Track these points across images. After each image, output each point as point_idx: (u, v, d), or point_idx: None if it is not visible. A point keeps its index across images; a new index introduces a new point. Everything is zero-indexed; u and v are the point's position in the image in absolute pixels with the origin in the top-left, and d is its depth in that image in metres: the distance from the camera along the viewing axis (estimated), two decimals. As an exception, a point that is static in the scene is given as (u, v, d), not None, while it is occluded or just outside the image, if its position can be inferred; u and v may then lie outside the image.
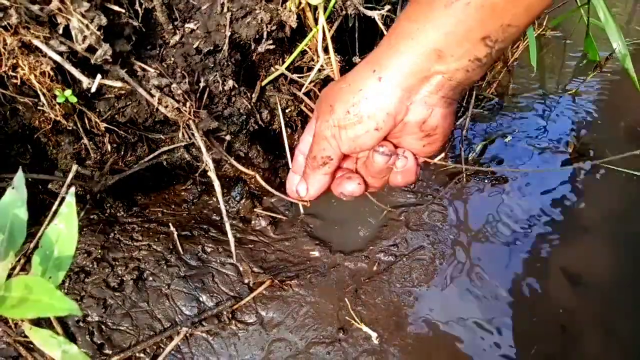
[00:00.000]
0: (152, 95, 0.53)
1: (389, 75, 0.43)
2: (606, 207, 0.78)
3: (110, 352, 0.57)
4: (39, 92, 0.53)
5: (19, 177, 0.41)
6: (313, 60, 0.67)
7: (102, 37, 0.49)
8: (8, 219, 0.40)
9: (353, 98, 0.45)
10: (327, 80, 0.74)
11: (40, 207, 0.64)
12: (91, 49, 0.49)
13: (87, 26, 0.47)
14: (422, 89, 0.43)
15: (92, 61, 0.49)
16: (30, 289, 0.36)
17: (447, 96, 0.44)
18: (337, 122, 0.45)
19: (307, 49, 0.65)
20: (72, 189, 0.41)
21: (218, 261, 0.66)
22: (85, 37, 0.47)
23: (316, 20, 0.61)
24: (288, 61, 0.66)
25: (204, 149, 0.57)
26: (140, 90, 0.53)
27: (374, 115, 0.44)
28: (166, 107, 0.54)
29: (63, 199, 0.44)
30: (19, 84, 0.53)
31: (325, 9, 0.60)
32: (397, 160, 0.48)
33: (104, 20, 0.48)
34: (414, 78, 0.43)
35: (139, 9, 0.54)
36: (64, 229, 0.41)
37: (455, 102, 0.46)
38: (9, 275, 0.39)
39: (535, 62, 0.80)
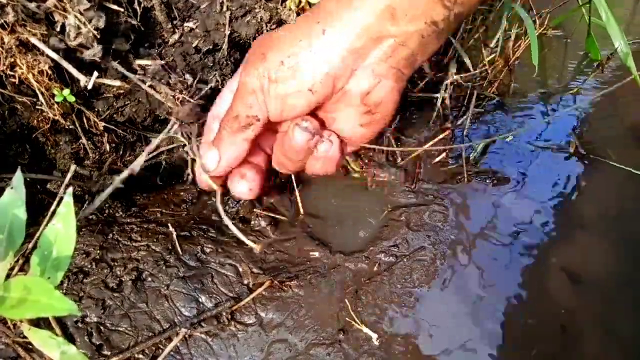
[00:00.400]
0: (145, 83, 0.53)
1: (335, 31, 0.37)
2: (608, 206, 0.78)
3: (109, 353, 0.56)
4: (37, 91, 0.53)
5: (18, 177, 0.41)
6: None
7: (97, 38, 0.48)
8: (7, 219, 0.40)
9: (290, 48, 0.38)
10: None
11: (39, 207, 0.64)
12: (83, 46, 0.49)
13: (84, 24, 0.47)
14: (372, 53, 0.38)
15: (83, 57, 0.49)
16: (29, 289, 0.36)
17: (398, 67, 0.38)
18: (268, 72, 0.38)
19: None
20: (70, 189, 0.41)
21: (217, 262, 0.66)
22: (78, 34, 0.47)
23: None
24: (288, 60, 0.65)
25: (194, 138, 0.56)
26: (134, 79, 0.53)
27: (312, 72, 0.37)
28: (160, 93, 0.53)
29: (61, 199, 0.44)
30: (17, 83, 0.53)
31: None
32: (320, 143, 0.41)
33: (101, 23, 0.48)
34: (363, 39, 0.37)
35: (138, 8, 0.54)
36: (62, 229, 0.41)
37: (405, 78, 0.40)
38: (8, 276, 0.39)
39: (537, 62, 0.79)
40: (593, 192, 0.80)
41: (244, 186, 0.46)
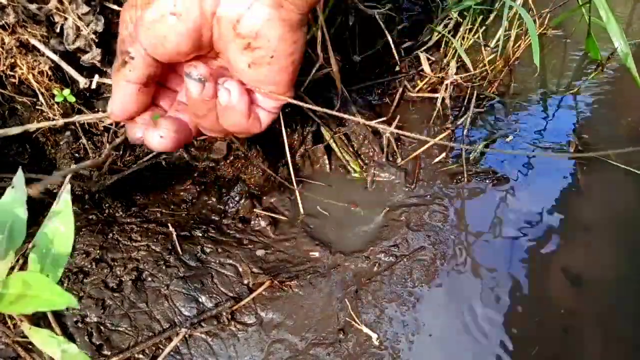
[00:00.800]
0: None
1: None
2: (608, 206, 0.78)
3: (109, 353, 0.56)
4: (37, 91, 0.53)
5: (19, 177, 0.41)
6: (312, 58, 0.67)
7: (95, 41, 0.48)
8: (8, 218, 0.40)
9: None
10: (327, 77, 0.74)
11: (39, 207, 0.64)
12: (81, 49, 0.49)
13: (84, 27, 0.47)
14: None
15: (81, 62, 0.49)
16: (29, 285, 0.36)
17: None
18: (135, 0, 0.34)
19: (307, 48, 0.65)
20: (68, 186, 0.41)
21: (217, 262, 0.66)
22: (76, 38, 0.47)
23: (316, 19, 0.61)
24: (288, 60, 0.65)
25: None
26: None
27: None
28: None
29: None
30: (17, 83, 0.53)
31: (324, 7, 0.59)
32: (217, 91, 0.36)
33: (100, 27, 0.48)
34: None
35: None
36: (60, 226, 0.41)
37: (292, 8, 0.34)
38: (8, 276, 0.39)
39: (538, 61, 0.79)
40: (593, 191, 0.80)
41: (154, 134, 0.38)
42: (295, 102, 0.38)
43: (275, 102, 0.39)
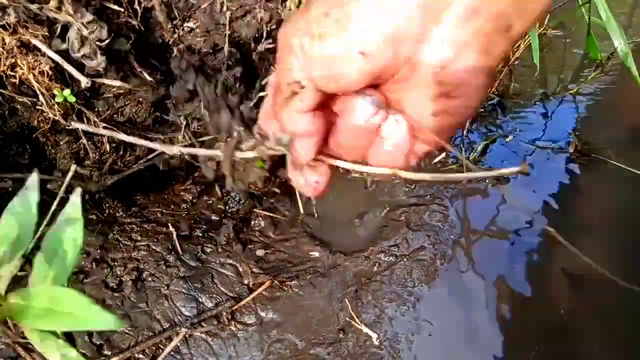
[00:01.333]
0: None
1: None
2: (608, 206, 0.78)
3: (109, 352, 0.56)
4: (37, 91, 0.53)
5: (33, 180, 0.40)
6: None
7: (100, 49, 0.49)
8: (18, 220, 0.40)
9: None
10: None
11: (39, 208, 0.64)
12: (87, 57, 0.49)
13: (88, 35, 0.47)
14: (449, 10, 0.27)
15: (86, 70, 0.49)
16: (57, 300, 0.35)
17: (484, 33, 0.28)
18: (310, 27, 0.29)
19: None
20: (79, 190, 0.40)
21: (217, 261, 0.66)
22: (81, 46, 0.47)
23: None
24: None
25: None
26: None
27: (365, 29, 0.28)
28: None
29: (62, 198, 0.43)
30: (17, 83, 0.53)
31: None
32: (384, 121, 0.32)
33: (104, 34, 0.48)
34: None
35: (138, 8, 0.54)
36: (68, 230, 0.41)
37: (497, 53, 0.30)
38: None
39: (538, 61, 0.79)
40: (593, 191, 0.80)
41: (309, 179, 0.36)
42: (448, 146, 0.33)
43: (426, 149, 0.34)
